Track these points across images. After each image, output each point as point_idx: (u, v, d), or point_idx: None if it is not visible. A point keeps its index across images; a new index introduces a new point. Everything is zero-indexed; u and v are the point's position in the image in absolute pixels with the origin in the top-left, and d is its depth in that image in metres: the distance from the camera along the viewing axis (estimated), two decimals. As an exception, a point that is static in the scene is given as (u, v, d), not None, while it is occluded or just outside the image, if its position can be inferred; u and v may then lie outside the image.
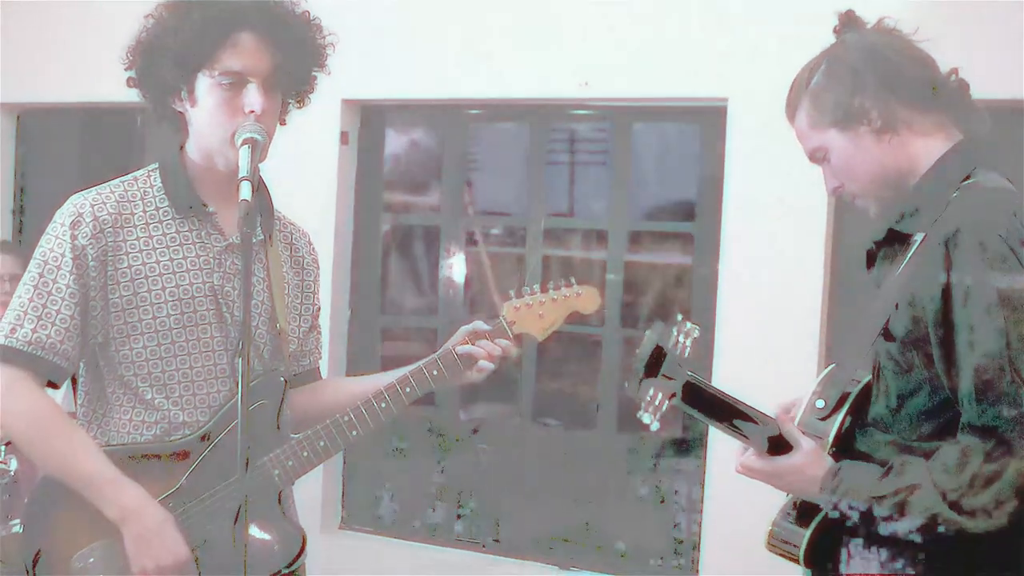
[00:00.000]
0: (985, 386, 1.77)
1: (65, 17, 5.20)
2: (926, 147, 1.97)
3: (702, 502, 4.33)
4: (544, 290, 2.41)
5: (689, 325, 1.97)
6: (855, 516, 1.89)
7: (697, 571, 4.34)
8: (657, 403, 1.93)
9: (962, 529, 1.77)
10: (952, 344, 1.81)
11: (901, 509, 1.83)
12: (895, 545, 1.88)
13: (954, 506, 1.77)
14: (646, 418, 1.93)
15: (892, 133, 1.96)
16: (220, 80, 2.15)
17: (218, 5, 2.17)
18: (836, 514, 1.93)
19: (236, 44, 2.15)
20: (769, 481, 2.01)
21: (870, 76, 1.96)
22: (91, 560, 2.16)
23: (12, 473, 3.33)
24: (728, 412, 1.99)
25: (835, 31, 2.07)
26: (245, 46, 2.16)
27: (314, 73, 2.30)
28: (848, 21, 2.06)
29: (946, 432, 1.86)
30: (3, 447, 3.32)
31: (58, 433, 2.17)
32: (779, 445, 1.98)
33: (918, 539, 1.82)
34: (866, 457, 1.96)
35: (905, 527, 1.82)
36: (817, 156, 2.05)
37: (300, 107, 2.34)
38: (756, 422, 1.99)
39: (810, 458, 1.97)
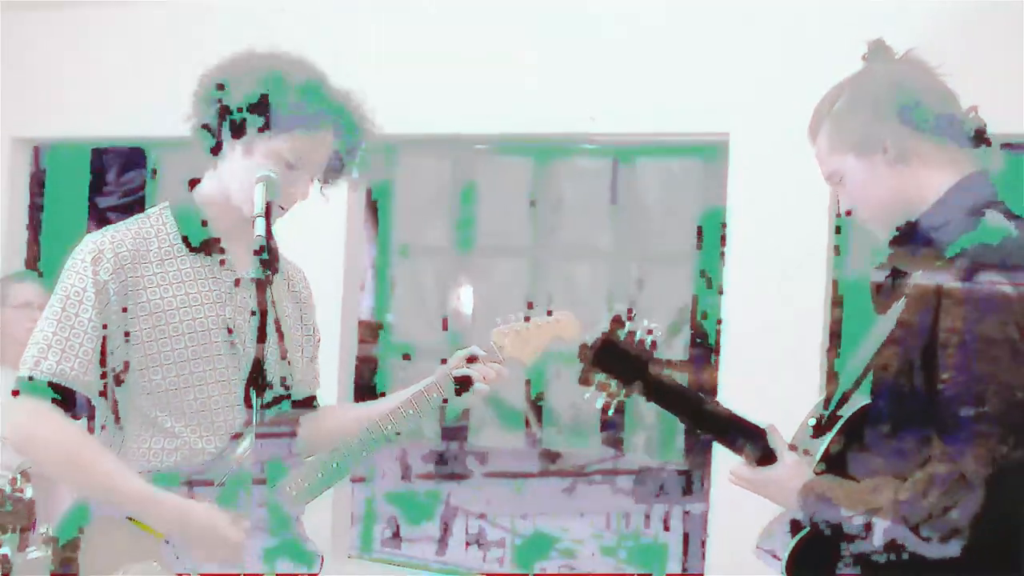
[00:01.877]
0: (952, 418, 1.82)
1: (80, 55, 5.29)
2: (937, 179, 1.99)
3: (706, 528, 4.36)
4: (527, 318, 2.48)
5: (647, 322, 2.02)
6: (829, 532, 1.94)
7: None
8: (611, 391, 2.00)
9: (920, 555, 1.81)
10: (931, 377, 1.86)
11: (867, 529, 1.87)
12: (874, 564, 1.92)
13: (913, 531, 1.81)
14: (598, 403, 2.01)
15: (905, 164, 1.98)
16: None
17: (315, 96, 2.22)
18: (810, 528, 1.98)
19: (313, 137, 2.23)
20: (755, 491, 2.06)
21: (890, 106, 1.98)
22: (123, 583, 2.23)
23: (26, 501, 3.37)
24: (709, 417, 2.06)
25: (863, 58, 2.09)
26: (317, 141, 2.24)
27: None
28: (877, 50, 2.08)
29: None
30: (19, 475, 3.35)
31: (92, 457, 2.23)
32: (768, 456, 2.04)
33: (883, 560, 1.86)
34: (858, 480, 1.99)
35: (871, 547, 1.87)
36: (833, 179, 2.07)
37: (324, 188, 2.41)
38: (745, 432, 2.05)
39: (791, 471, 2.01)
